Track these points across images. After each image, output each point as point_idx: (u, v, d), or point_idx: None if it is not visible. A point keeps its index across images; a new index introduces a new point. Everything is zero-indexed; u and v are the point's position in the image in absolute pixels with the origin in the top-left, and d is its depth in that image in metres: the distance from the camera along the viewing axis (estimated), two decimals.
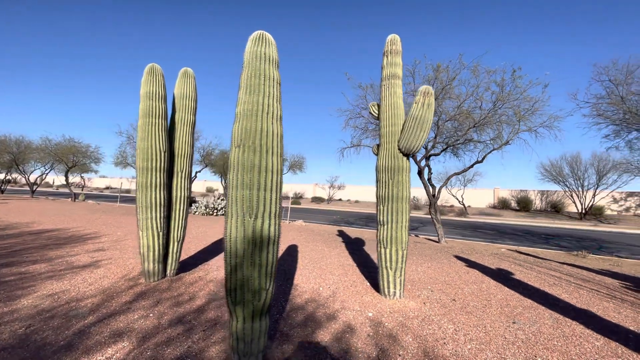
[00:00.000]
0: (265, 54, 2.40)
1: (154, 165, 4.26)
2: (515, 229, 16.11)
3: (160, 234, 4.32)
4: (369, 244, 8.30)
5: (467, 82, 7.79)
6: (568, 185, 21.80)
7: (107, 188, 50.37)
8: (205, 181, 48.29)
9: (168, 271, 4.57)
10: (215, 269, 5.26)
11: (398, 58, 4.25)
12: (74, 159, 22.74)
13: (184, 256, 5.99)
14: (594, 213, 20.82)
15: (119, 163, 38.55)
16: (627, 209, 22.68)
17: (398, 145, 4.06)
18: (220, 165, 29.80)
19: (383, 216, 4.12)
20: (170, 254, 4.57)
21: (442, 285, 4.85)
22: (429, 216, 20.88)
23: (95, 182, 55.59)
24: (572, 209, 22.85)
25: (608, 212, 21.77)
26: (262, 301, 2.29)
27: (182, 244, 4.72)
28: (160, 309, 3.49)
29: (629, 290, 4.88)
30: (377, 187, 4.30)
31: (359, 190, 36.22)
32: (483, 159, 9.10)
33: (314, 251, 7.12)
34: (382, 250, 4.11)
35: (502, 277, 5.43)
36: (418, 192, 31.43)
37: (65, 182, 26.53)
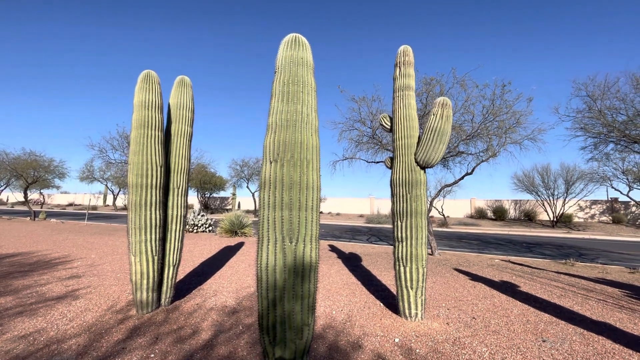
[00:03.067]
0: (302, 58, 2.17)
1: (149, 182, 3.83)
2: (496, 238, 16.55)
3: (156, 258, 3.85)
4: (366, 260, 8.07)
5: (458, 95, 7.95)
6: (540, 195, 23.00)
7: (70, 205, 46.93)
8: None
9: (163, 300, 4.08)
10: (213, 294, 4.80)
11: (411, 69, 4.15)
12: (35, 174, 20.94)
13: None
14: (564, 221, 22.01)
15: (85, 178, 36.14)
16: (592, 216, 24.22)
17: (415, 159, 3.92)
18: (197, 180, 28.72)
19: (401, 232, 3.92)
20: (165, 281, 4.09)
21: (455, 302, 4.68)
22: None
23: (56, 198, 51.69)
24: (543, 217, 24.03)
25: (576, 219, 23.11)
26: (304, 339, 1.98)
27: (177, 268, 4.26)
28: (162, 347, 3.04)
29: (633, 299, 4.96)
30: (392, 201, 4.11)
31: (341, 203, 36.15)
32: (472, 170, 9.24)
33: None
34: (402, 268, 3.89)
35: (510, 290, 5.36)
36: None
37: (23, 199, 24.36)
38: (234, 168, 30.52)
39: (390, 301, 4.66)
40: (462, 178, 9.28)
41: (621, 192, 17.70)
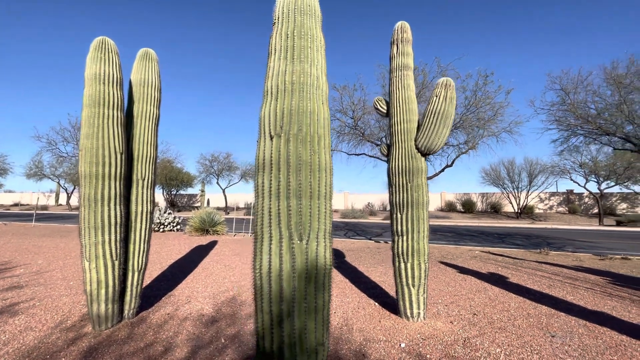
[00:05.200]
0: (309, 5, 1.70)
1: (106, 171, 3.16)
2: (468, 230, 17.01)
3: (116, 263, 3.21)
4: (349, 256, 7.74)
5: None
6: (505, 188, 24.14)
7: (16, 205, 42.53)
8: None
9: (126, 312, 3.44)
10: (186, 300, 4.21)
11: (409, 47, 3.80)
12: None
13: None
14: (527, 212, 23.28)
15: (33, 175, 32.75)
16: (551, 207, 25.87)
17: (416, 145, 3.58)
18: (162, 176, 26.93)
19: (401, 225, 3.58)
20: (129, 289, 3.45)
21: (451, 297, 4.46)
22: (388, 222, 21.26)
23: None
24: (508, 209, 25.28)
25: (537, 210, 24.56)
26: None
27: (144, 273, 3.63)
28: None
29: (617, 286, 5.03)
30: (390, 192, 3.75)
31: None
32: (452, 162, 9.21)
33: None
34: (402, 265, 3.55)
35: (500, 282, 5.26)
36: (371, 197, 32.10)
37: None
38: (203, 163, 29.02)
39: (385, 300, 4.34)
40: (443, 170, 9.23)
41: (579, 184, 18.91)
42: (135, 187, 3.59)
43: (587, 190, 20.94)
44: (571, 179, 20.67)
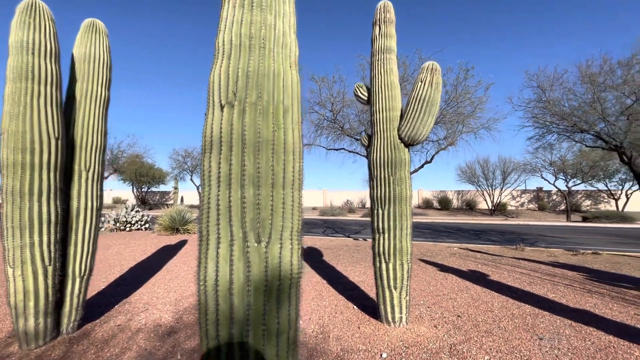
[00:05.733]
0: None
1: (37, 159, 2.64)
2: (445, 226, 17.20)
3: (50, 268, 2.70)
4: (327, 254, 7.43)
5: None
6: (480, 185, 24.78)
7: None
8: (112, 190, 41.28)
9: (64, 325, 2.94)
10: (143, 308, 3.73)
11: (392, 28, 3.50)
12: None
13: (91, 292, 4.22)
14: (500, 209, 24.00)
15: None
16: (522, 204, 26.86)
17: (399, 134, 3.29)
18: (131, 172, 25.47)
19: (382, 222, 3.28)
20: (67, 299, 2.94)
21: (433, 297, 4.24)
22: (367, 219, 21.15)
23: None
24: (482, 206, 25.97)
25: (509, 207, 25.39)
26: None
27: (88, 279, 3.12)
28: None
29: (594, 282, 5.01)
30: (371, 186, 3.44)
31: None
32: (432, 159, 9.11)
33: None
34: (383, 265, 3.25)
35: (481, 280, 5.12)
36: (350, 195, 32.03)
37: None
38: (176, 159, 27.70)
39: (364, 302, 4.05)
40: (422, 166, 9.11)
41: (549, 182, 19.63)
42: (78, 179, 3.07)
43: (557, 187, 21.83)
44: (542, 177, 21.49)
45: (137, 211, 13.26)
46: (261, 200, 1.15)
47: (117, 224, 12.44)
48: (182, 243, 9.20)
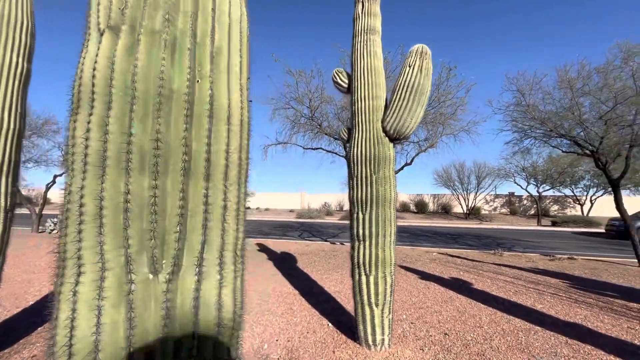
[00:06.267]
0: None
1: None
2: (422, 230, 17.15)
3: None
4: (302, 260, 6.91)
5: None
6: (455, 189, 25.17)
7: None
8: None
9: None
10: None
11: (376, 6, 3.07)
12: None
13: (14, 310, 3.51)
14: (474, 213, 24.46)
15: None
16: (495, 209, 27.57)
17: (383, 127, 2.85)
18: None
19: (363, 228, 2.82)
20: None
21: (416, 310, 3.84)
22: (345, 222, 20.81)
23: None
24: (457, 209, 26.39)
25: (483, 211, 25.96)
26: None
27: None
28: None
29: (578, 290, 4.82)
30: (351, 186, 2.98)
31: (270, 198, 34.45)
32: (412, 161, 8.85)
33: None
34: (363, 278, 2.79)
35: (465, 289, 4.79)
36: (328, 197, 31.66)
37: None
38: None
39: (340, 318, 3.57)
40: (402, 169, 8.81)
41: (521, 187, 20.14)
42: None
43: (528, 192, 22.49)
44: (515, 182, 22.12)
45: None
46: (163, 198, 0.65)
47: (53, 228, 11.25)
48: None
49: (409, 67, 2.77)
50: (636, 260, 7.41)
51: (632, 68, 6.78)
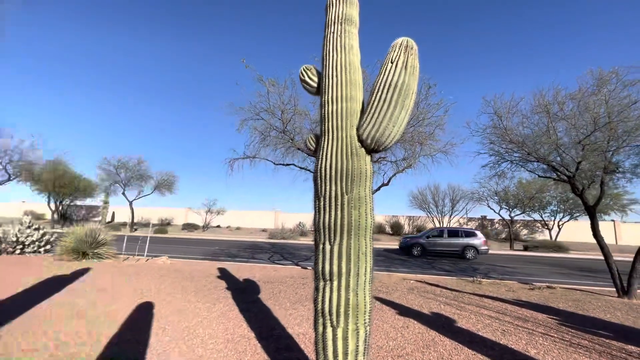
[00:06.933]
0: None
1: None
2: (398, 253, 16.69)
3: None
4: (265, 290, 6.09)
5: None
6: (430, 212, 25.20)
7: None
8: (24, 202, 35.29)
9: None
10: None
11: None
12: None
13: None
14: None
15: None
16: None
17: (359, 134, 2.28)
18: (49, 182, 21.56)
19: (330, 264, 2.17)
20: None
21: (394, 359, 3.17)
22: None
23: None
24: None
25: None
26: None
27: None
28: None
29: (568, 328, 4.36)
30: (317, 208, 2.35)
31: (242, 216, 33.01)
32: (389, 181, 8.42)
33: (182, 313, 4.46)
34: (329, 331, 2.11)
35: (448, 328, 4.20)
36: (303, 217, 30.79)
37: None
38: (106, 169, 24.08)
39: None
40: (379, 189, 8.33)
41: (494, 211, 20.40)
42: None
43: (501, 216, 22.86)
44: (488, 206, 22.47)
45: (35, 228, 10.65)
46: None
47: (3, 245, 9.77)
48: (83, 272, 7.19)
49: (391, 63, 2.25)
50: (614, 289, 7.23)
51: (605, 95, 6.80)
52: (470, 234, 15.43)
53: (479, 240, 14.94)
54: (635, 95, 6.60)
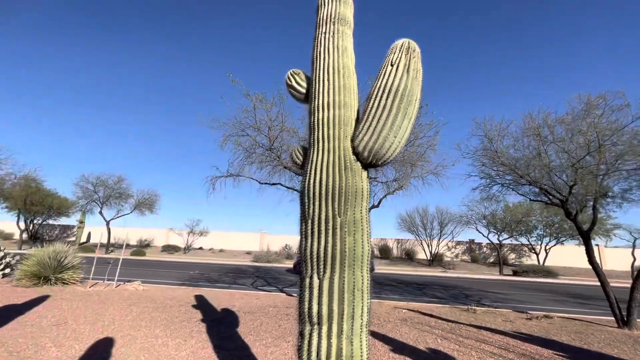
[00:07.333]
0: None
1: None
2: (388, 278, 16.15)
3: None
4: (245, 322, 5.50)
5: None
6: (419, 235, 24.92)
7: None
8: None
9: None
10: None
11: None
12: None
13: None
14: (438, 259, 24.12)
15: None
16: (457, 256, 27.55)
17: (354, 145, 1.95)
18: (19, 199, 20.23)
19: (319, 303, 1.76)
20: None
21: None
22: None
23: None
24: (421, 255, 25.97)
25: (446, 258, 25.75)
26: None
27: None
28: None
29: None
30: (303, 234, 1.97)
31: (225, 237, 31.84)
32: (379, 203, 8.10)
33: (146, 352, 3.85)
34: None
35: None
36: (289, 239, 29.94)
37: None
38: (84, 187, 22.85)
39: None
40: (369, 211, 7.97)
41: (483, 234, 20.28)
42: None
43: (489, 240, 22.76)
44: (477, 230, 22.38)
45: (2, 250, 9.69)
46: None
47: None
48: (40, 300, 6.41)
49: (391, 65, 1.96)
50: (612, 319, 6.94)
51: (594, 120, 6.81)
52: None
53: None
54: (623, 120, 6.62)
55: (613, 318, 6.79)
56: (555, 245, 23.09)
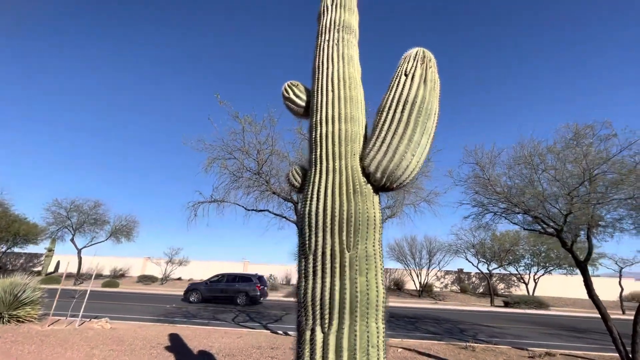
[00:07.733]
0: None
1: None
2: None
3: None
4: None
5: None
6: (408, 264, 24.36)
7: None
8: None
9: None
10: None
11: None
12: None
13: None
14: (427, 290, 23.46)
15: None
16: (446, 286, 26.96)
17: (364, 165, 1.65)
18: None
19: None
20: None
21: None
22: (292, 299, 18.28)
23: None
24: (409, 285, 25.26)
25: (435, 289, 25.12)
26: None
27: None
28: None
29: None
30: (302, 271, 1.60)
31: (207, 267, 30.23)
32: None
33: None
34: None
35: None
36: (274, 269, 28.75)
37: None
38: (55, 212, 21.36)
39: None
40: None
41: (472, 264, 20.00)
42: None
43: (479, 270, 22.46)
44: (466, 259, 22.09)
45: None
46: None
47: None
48: None
49: (405, 75, 1.72)
50: (615, 354, 6.60)
51: (584, 149, 6.85)
52: (245, 279, 15.80)
53: (251, 286, 15.22)
54: (611, 150, 6.68)
55: (617, 354, 6.45)
56: (543, 274, 22.95)
